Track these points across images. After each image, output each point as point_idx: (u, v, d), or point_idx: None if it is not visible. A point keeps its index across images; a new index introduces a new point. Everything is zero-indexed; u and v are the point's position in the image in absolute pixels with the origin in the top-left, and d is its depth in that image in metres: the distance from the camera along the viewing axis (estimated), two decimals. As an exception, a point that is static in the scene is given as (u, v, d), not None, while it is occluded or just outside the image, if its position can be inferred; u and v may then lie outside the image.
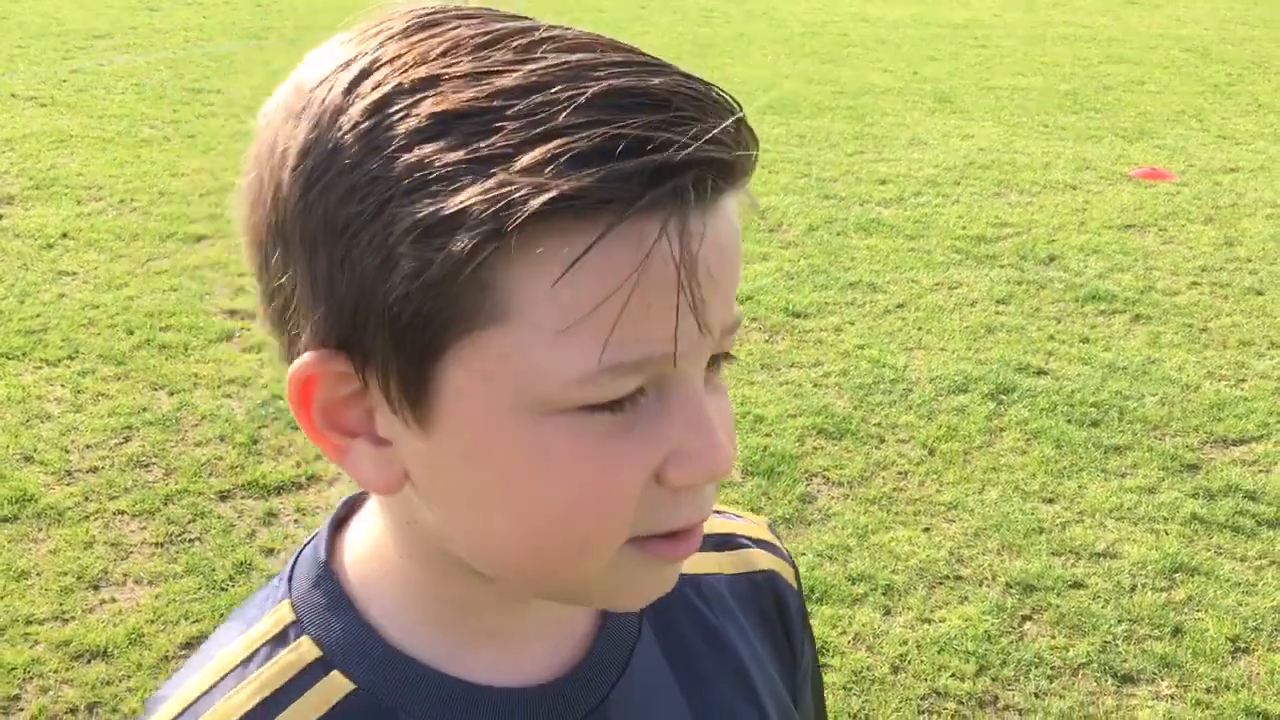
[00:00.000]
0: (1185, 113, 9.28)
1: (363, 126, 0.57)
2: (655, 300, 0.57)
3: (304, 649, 0.68)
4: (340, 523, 0.74)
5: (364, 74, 0.58)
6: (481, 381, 0.58)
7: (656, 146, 0.55)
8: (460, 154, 0.55)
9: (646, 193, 0.55)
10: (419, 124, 0.56)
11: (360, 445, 0.63)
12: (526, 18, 0.62)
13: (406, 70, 0.58)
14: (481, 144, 0.55)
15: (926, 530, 3.64)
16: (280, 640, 0.69)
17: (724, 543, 0.86)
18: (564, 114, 0.55)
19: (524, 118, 0.55)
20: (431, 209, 0.55)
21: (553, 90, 0.56)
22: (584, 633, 0.74)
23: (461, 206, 0.54)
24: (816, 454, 4.03)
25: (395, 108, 0.57)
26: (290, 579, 0.72)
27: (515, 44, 0.58)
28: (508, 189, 0.54)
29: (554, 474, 0.60)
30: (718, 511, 0.86)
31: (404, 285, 0.56)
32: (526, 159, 0.54)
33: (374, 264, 0.57)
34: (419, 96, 0.57)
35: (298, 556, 0.73)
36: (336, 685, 0.67)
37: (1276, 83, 10.56)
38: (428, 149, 0.55)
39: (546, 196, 0.54)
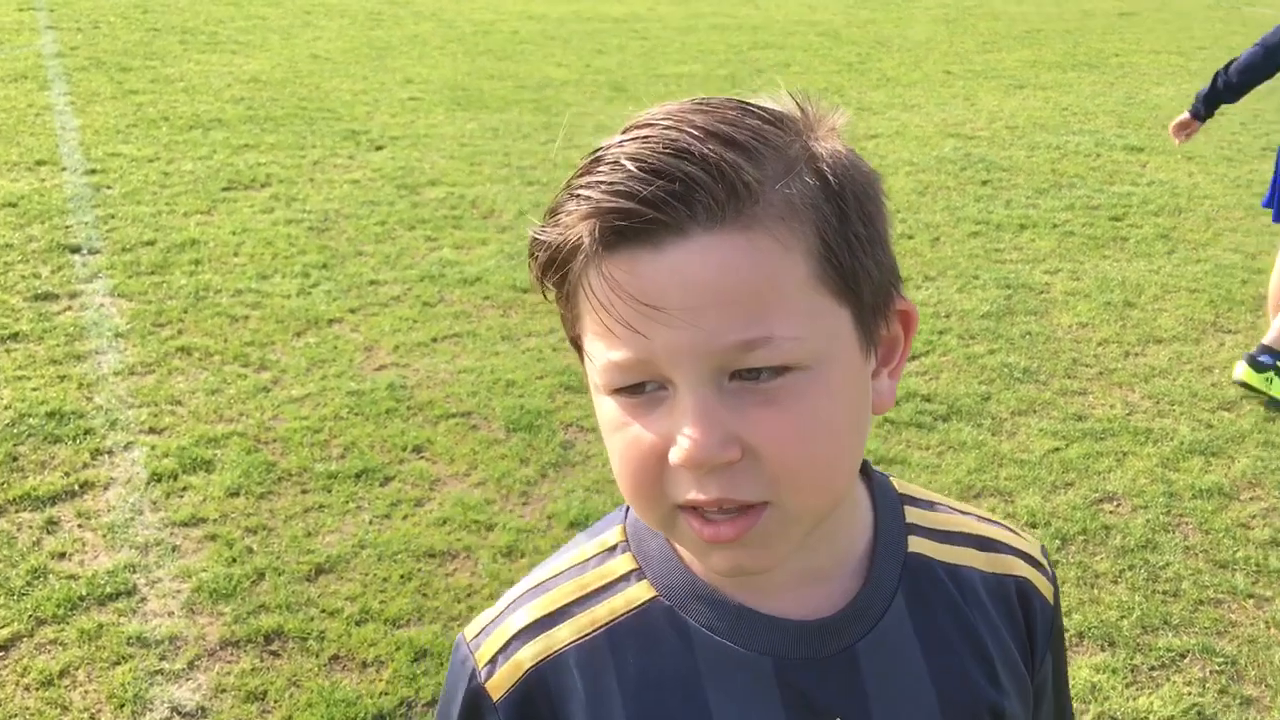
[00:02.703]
0: (828, 89, 10.39)
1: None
2: (609, 320, 0.75)
3: (624, 561, 0.90)
4: None
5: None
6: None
7: (585, 202, 0.75)
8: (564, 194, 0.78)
9: (572, 238, 0.76)
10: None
11: None
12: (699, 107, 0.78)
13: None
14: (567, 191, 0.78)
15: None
16: (610, 553, 0.91)
17: (986, 545, 0.96)
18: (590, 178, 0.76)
19: (586, 175, 0.77)
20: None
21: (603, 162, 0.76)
22: (848, 590, 0.88)
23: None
24: (568, 407, 4.46)
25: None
26: (629, 508, 0.91)
27: (637, 134, 0.76)
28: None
29: (609, 437, 0.80)
30: (991, 520, 0.99)
31: None
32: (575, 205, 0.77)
33: None
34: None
35: None
36: (642, 590, 0.88)
37: (899, 59, 11.96)
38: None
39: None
